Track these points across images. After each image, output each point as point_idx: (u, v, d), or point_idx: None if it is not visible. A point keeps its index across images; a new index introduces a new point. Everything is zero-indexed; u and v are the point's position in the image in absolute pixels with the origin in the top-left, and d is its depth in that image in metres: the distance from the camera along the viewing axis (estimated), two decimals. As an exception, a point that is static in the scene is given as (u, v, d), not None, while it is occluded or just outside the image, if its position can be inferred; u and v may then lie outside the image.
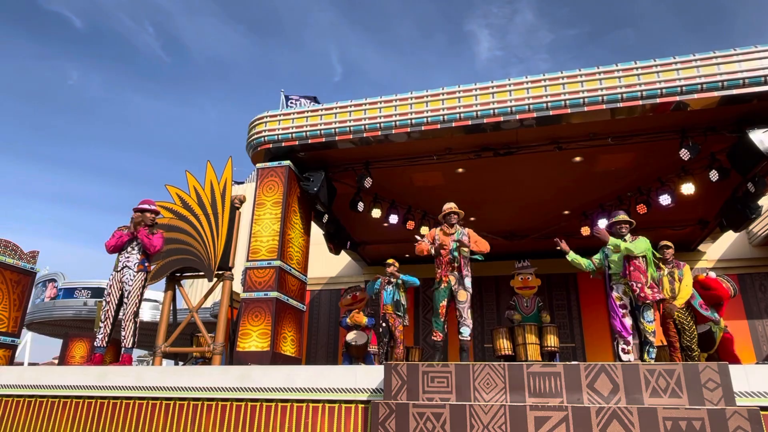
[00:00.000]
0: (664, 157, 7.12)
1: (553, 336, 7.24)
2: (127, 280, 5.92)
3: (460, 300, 5.71)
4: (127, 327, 5.86)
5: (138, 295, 5.96)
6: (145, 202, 6.30)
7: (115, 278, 5.97)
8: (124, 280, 5.93)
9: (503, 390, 4.22)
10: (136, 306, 5.92)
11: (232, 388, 5.02)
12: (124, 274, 5.96)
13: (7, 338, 6.79)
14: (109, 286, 5.99)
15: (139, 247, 6.04)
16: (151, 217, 6.17)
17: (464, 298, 5.71)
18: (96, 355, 5.90)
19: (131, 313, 5.87)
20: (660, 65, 6.00)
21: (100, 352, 5.90)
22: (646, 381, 4.05)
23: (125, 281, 5.92)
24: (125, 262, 6.00)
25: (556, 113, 6.19)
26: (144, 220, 6.08)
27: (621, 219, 5.70)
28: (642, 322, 5.32)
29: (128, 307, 5.86)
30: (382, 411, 4.24)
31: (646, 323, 5.30)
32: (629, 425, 3.79)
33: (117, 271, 6.00)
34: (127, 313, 5.85)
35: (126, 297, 5.90)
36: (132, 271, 5.95)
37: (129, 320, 5.86)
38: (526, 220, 9.68)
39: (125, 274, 5.95)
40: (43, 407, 5.57)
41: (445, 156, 7.31)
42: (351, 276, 12.57)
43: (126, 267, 5.98)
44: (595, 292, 10.82)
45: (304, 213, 7.71)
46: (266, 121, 7.30)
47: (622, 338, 5.29)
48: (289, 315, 6.88)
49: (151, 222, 6.17)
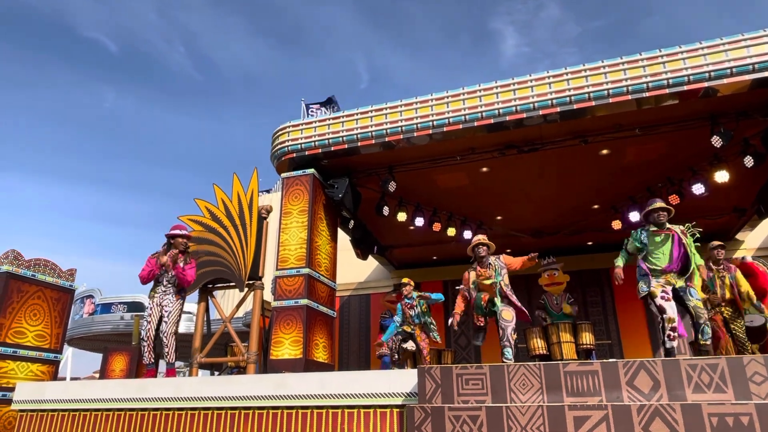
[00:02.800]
0: (694, 145, 6.93)
1: (588, 333, 7.09)
2: (165, 303, 6.17)
3: (505, 318, 5.38)
4: (169, 344, 6.09)
5: (177, 315, 6.23)
6: (177, 227, 6.44)
7: (154, 301, 6.21)
8: (163, 304, 6.17)
9: (540, 390, 4.15)
10: (175, 325, 6.19)
11: (268, 396, 5.07)
12: (162, 299, 6.20)
13: (50, 354, 7.00)
14: (150, 308, 6.23)
15: (173, 281, 6.24)
16: (183, 242, 6.31)
17: (510, 318, 5.39)
18: (149, 371, 6.16)
19: (171, 332, 6.11)
20: (686, 51, 5.85)
21: (152, 368, 6.17)
22: (689, 376, 3.93)
23: (164, 305, 6.17)
24: (163, 294, 6.22)
25: (580, 107, 6.08)
26: (177, 246, 6.23)
27: (659, 206, 5.15)
28: (691, 300, 4.84)
29: (168, 326, 6.10)
30: (418, 415, 4.22)
31: (694, 300, 4.84)
32: (673, 423, 3.68)
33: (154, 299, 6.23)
34: (167, 331, 6.08)
35: (166, 317, 6.13)
36: (170, 297, 6.21)
37: (170, 337, 6.10)
38: (554, 217, 9.54)
39: (164, 299, 6.19)
40: (87, 420, 5.72)
41: (469, 156, 7.26)
42: (379, 280, 12.58)
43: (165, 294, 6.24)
44: (630, 286, 10.55)
45: (330, 220, 7.76)
46: (289, 130, 7.38)
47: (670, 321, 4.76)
48: (320, 322, 6.92)
49: (184, 247, 6.30)
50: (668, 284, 4.93)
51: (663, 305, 4.83)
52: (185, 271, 6.17)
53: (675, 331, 4.73)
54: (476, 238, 5.88)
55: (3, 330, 6.52)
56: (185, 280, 6.19)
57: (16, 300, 6.71)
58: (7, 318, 6.57)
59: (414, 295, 7.01)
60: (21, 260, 6.90)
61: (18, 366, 6.62)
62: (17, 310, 6.71)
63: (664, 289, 4.90)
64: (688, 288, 4.87)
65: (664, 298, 4.86)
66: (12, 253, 6.85)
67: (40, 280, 7.03)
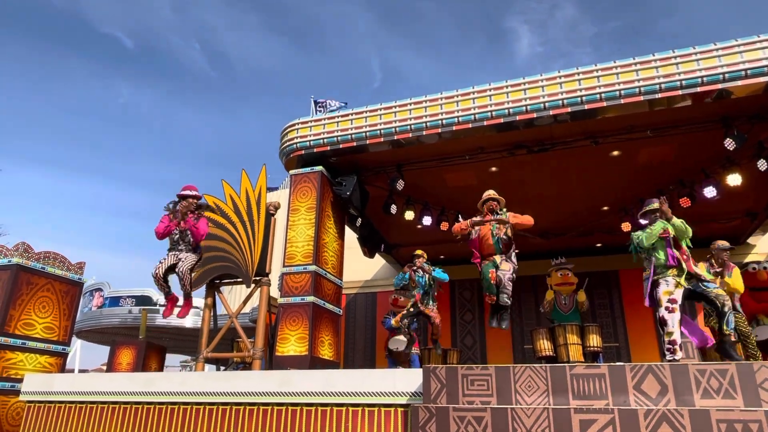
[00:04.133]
0: (707, 147, 6.84)
1: (595, 336, 7.05)
2: (182, 257, 6.46)
3: (502, 269, 5.61)
4: (185, 278, 6.36)
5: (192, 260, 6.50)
6: (187, 188, 6.66)
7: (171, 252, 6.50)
8: (179, 256, 6.47)
9: (546, 392, 4.12)
10: (191, 265, 6.47)
11: (273, 393, 5.08)
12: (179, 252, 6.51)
13: (58, 346, 7.07)
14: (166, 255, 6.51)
15: (186, 241, 6.50)
16: (194, 203, 6.54)
17: (507, 268, 5.62)
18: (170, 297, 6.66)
19: (187, 269, 6.39)
20: (700, 53, 5.77)
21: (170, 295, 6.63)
22: (697, 381, 3.88)
23: (179, 255, 6.47)
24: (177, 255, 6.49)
25: (592, 107, 6.03)
26: (189, 207, 6.46)
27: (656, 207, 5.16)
28: (711, 291, 4.80)
29: (184, 264, 6.38)
30: (422, 415, 4.21)
31: (714, 290, 4.80)
32: (680, 428, 3.64)
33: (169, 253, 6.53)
34: (183, 269, 6.35)
35: (183, 260, 6.41)
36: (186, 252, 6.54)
37: (186, 273, 6.37)
38: (562, 218, 9.48)
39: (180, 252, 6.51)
40: (93, 413, 5.76)
41: (478, 155, 7.22)
42: (386, 279, 12.56)
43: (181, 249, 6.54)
44: (639, 288, 10.48)
45: (338, 217, 7.75)
46: (298, 127, 7.38)
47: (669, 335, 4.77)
48: (326, 319, 6.92)
49: (194, 207, 6.53)
50: (678, 287, 4.84)
51: (664, 317, 4.79)
52: (198, 226, 6.41)
53: (674, 345, 4.70)
54: (487, 193, 6.04)
55: (12, 321, 6.58)
56: (198, 233, 6.42)
57: (25, 292, 6.77)
58: (16, 310, 6.63)
59: (425, 266, 7.41)
60: (31, 253, 6.96)
61: (27, 357, 6.68)
62: (26, 302, 6.77)
63: (671, 297, 4.82)
64: (702, 282, 4.85)
65: (668, 309, 4.79)
66: (22, 245, 6.91)
67: (49, 272, 7.09)
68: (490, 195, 6.00)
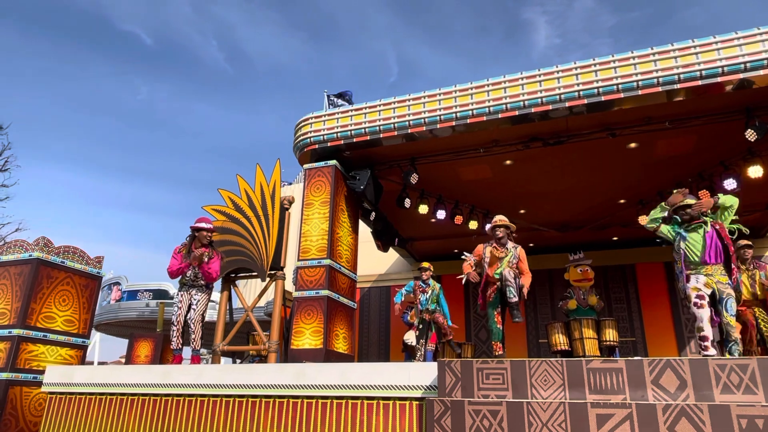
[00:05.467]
0: (727, 139, 6.72)
1: (611, 330, 6.97)
2: (194, 292, 6.39)
3: (506, 277, 5.55)
4: (196, 330, 6.26)
5: (205, 303, 6.43)
6: (202, 220, 6.61)
7: (184, 289, 6.41)
8: (191, 292, 6.39)
9: (562, 387, 4.09)
10: (203, 313, 6.39)
11: (289, 386, 5.11)
12: (191, 288, 6.41)
13: (78, 339, 7.19)
14: (180, 294, 6.41)
15: (199, 277, 6.44)
16: (207, 236, 6.47)
17: (510, 276, 5.56)
18: (176, 357, 6.33)
19: (198, 320, 6.30)
20: (720, 42, 5.65)
21: (178, 354, 6.34)
22: (717, 377, 3.82)
23: (193, 293, 6.38)
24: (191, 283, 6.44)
25: (609, 98, 5.93)
26: (201, 239, 6.39)
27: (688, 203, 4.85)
28: (725, 316, 4.60)
29: (196, 314, 6.30)
30: (438, 408, 4.21)
31: (729, 317, 4.59)
32: (700, 423, 3.59)
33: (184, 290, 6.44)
34: (195, 318, 6.27)
35: (194, 305, 6.33)
36: (199, 288, 6.45)
37: (197, 324, 6.28)
38: (579, 211, 9.38)
39: (192, 288, 6.41)
40: (112, 404, 5.86)
41: (492, 148, 7.17)
42: (400, 273, 12.57)
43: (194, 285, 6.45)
44: (655, 282, 10.38)
45: (352, 211, 7.76)
46: (311, 122, 7.38)
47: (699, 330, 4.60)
48: (340, 313, 6.95)
49: (207, 240, 6.46)
50: (707, 286, 4.64)
51: (695, 312, 4.64)
52: (210, 268, 6.37)
53: (705, 341, 4.54)
54: (496, 219, 5.96)
55: (34, 315, 6.71)
56: (211, 277, 6.43)
57: (46, 286, 6.89)
58: (37, 303, 6.75)
59: (431, 282, 7.54)
60: (51, 247, 7.07)
61: (48, 350, 6.81)
62: (47, 295, 6.90)
63: (700, 293, 4.63)
64: (727, 299, 4.60)
65: (697, 305, 4.62)
66: (42, 240, 7.03)
67: (69, 266, 7.21)
68: (497, 222, 5.88)
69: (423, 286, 7.52)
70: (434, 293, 7.47)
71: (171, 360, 6.38)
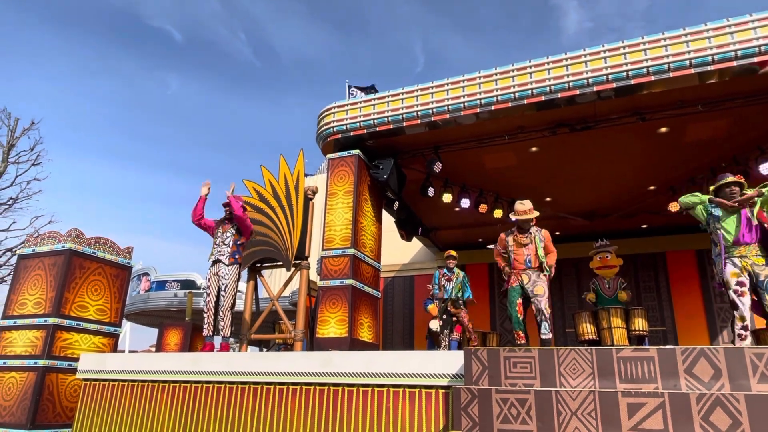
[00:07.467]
0: (763, 122, 6.48)
1: (641, 319, 6.85)
2: (222, 274, 6.26)
3: (537, 294, 5.38)
4: (225, 318, 6.21)
5: (234, 288, 6.31)
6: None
7: (212, 272, 6.32)
8: (220, 275, 6.27)
9: (591, 375, 4.02)
10: (232, 299, 6.30)
11: (315, 373, 5.16)
12: (219, 268, 6.29)
13: (110, 328, 7.37)
14: (208, 279, 6.36)
15: (230, 236, 6.34)
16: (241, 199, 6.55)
17: (542, 292, 5.38)
18: (207, 344, 6.31)
19: (228, 306, 6.24)
20: (758, 20, 5.43)
21: (210, 341, 6.32)
22: (754, 366, 3.71)
23: (221, 275, 6.26)
24: (218, 255, 6.32)
25: (638, 81, 5.77)
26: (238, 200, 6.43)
27: (731, 180, 4.75)
28: (767, 299, 4.37)
29: (226, 300, 6.23)
30: (464, 396, 4.19)
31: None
32: (736, 414, 3.49)
33: (212, 265, 6.34)
34: (225, 306, 6.22)
35: (223, 291, 6.24)
36: (225, 266, 6.27)
37: (227, 312, 6.23)
38: (607, 198, 9.19)
39: (220, 269, 6.28)
40: (144, 390, 6.00)
41: (517, 135, 7.05)
42: (423, 262, 12.55)
43: (219, 261, 6.30)
44: (687, 270, 10.13)
45: (375, 201, 7.75)
46: (334, 111, 7.37)
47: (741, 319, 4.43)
48: (364, 302, 6.96)
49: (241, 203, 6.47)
50: (745, 270, 4.47)
51: (735, 300, 4.46)
52: (246, 218, 6.32)
53: (746, 330, 4.38)
54: (520, 207, 5.71)
55: (68, 304, 6.89)
56: (245, 224, 6.34)
57: (78, 276, 7.07)
58: (71, 292, 6.93)
59: (455, 270, 7.68)
60: (82, 238, 7.24)
61: (81, 338, 7.00)
62: (80, 285, 7.07)
63: (740, 280, 4.45)
64: (766, 280, 4.38)
65: (737, 292, 4.45)
66: (74, 231, 7.20)
67: (100, 257, 7.37)
68: (522, 209, 5.69)
69: (448, 274, 7.56)
70: (458, 280, 7.51)
71: (201, 347, 6.46)
